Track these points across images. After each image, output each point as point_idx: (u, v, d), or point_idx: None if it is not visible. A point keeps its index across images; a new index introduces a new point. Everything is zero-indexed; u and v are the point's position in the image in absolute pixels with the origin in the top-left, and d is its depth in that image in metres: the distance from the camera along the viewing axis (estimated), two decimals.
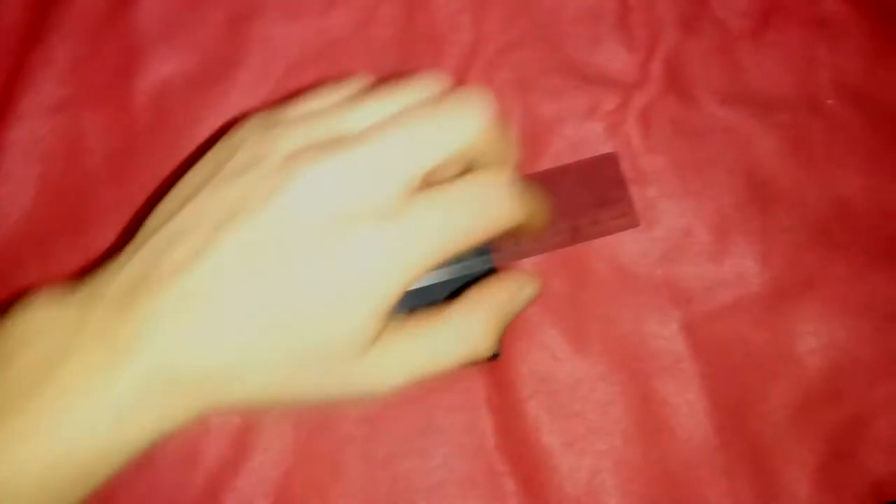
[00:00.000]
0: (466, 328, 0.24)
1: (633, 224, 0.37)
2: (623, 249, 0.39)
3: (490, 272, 0.34)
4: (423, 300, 0.32)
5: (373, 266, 0.21)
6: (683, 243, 0.39)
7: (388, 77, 0.26)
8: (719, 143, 0.40)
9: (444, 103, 0.23)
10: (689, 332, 0.37)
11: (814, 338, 0.37)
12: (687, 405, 0.36)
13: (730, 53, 0.41)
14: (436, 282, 0.33)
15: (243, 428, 0.36)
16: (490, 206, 0.23)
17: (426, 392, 0.37)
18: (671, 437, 0.36)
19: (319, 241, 0.21)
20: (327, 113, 0.23)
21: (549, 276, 0.38)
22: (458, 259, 0.34)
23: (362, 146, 0.21)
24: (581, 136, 0.40)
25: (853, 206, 0.39)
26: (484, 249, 0.34)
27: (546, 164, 0.39)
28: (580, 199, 0.35)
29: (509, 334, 0.37)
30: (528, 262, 0.38)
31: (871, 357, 0.37)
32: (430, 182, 0.23)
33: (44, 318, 0.21)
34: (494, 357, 0.35)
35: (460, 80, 0.41)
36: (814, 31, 0.42)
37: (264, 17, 0.41)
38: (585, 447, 0.36)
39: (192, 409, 0.21)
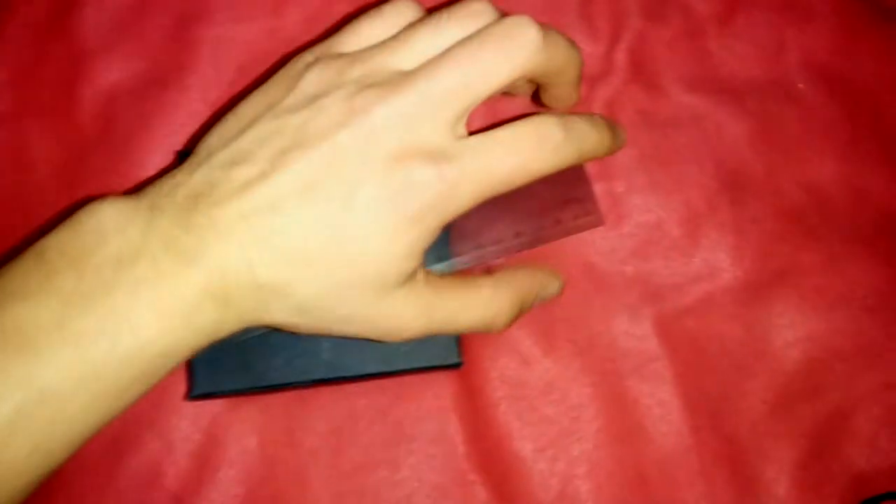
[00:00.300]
0: (491, 302, 0.26)
1: (598, 223, 0.36)
2: (591, 247, 0.38)
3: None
4: None
5: (421, 201, 0.23)
6: (653, 238, 0.38)
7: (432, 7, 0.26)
8: (687, 132, 0.39)
9: (491, 36, 0.23)
10: (662, 330, 0.36)
11: (790, 331, 0.36)
12: (661, 405, 0.35)
13: (696, 39, 0.40)
14: None
15: (206, 444, 0.35)
16: (536, 150, 0.24)
17: (393, 400, 0.36)
18: (645, 439, 0.35)
19: (375, 175, 0.22)
20: (382, 48, 0.24)
21: None
22: None
23: (417, 87, 0.23)
24: None
25: (827, 193, 0.38)
26: (443, 254, 0.33)
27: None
28: (542, 199, 0.34)
29: (477, 338, 0.36)
30: (492, 265, 0.37)
31: (850, 349, 0.36)
32: (501, 92, 0.24)
33: (115, 220, 0.22)
34: (458, 365, 0.34)
35: None
36: (782, 12, 0.40)
37: (212, 20, 0.40)
38: (557, 453, 0.35)
39: (241, 319, 0.23)
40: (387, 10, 0.25)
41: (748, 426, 0.35)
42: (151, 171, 0.38)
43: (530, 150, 0.24)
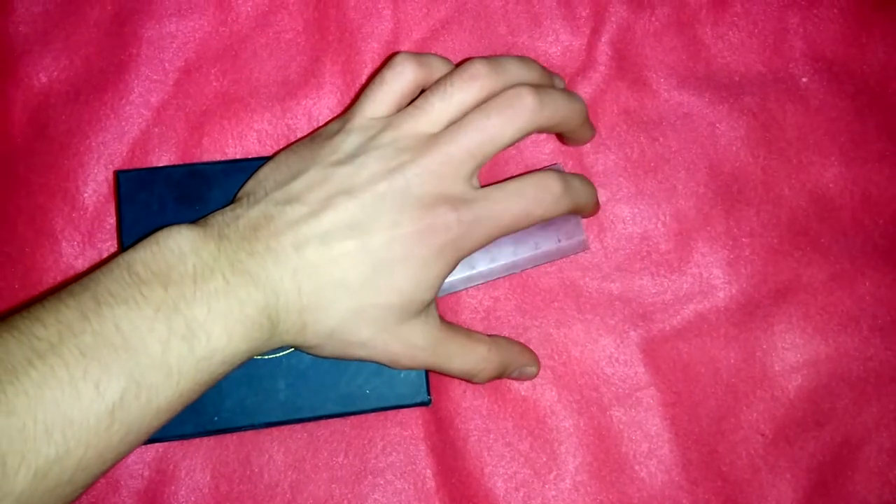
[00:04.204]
0: (484, 358, 0.30)
1: (581, 248, 0.34)
2: (572, 262, 0.35)
3: None
4: None
5: (444, 239, 0.28)
6: (640, 253, 0.35)
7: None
8: (677, 134, 0.36)
9: (495, 108, 0.29)
10: (649, 354, 0.34)
11: (792, 354, 0.34)
12: (648, 439, 0.33)
13: (687, 29, 0.37)
14: None
15: (155, 482, 0.33)
16: (538, 199, 0.29)
17: (357, 430, 0.33)
18: (631, 477, 0.32)
19: (408, 218, 0.28)
20: (406, 117, 0.29)
21: (492, 295, 0.34)
22: None
23: (440, 150, 0.28)
24: None
25: (834, 201, 0.35)
26: None
27: (485, 168, 0.35)
28: None
29: None
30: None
31: (859, 374, 0.33)
32: None
33: (190, 243, 0.26)
34: (427, 403, 0.32)
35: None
36: None
37: (153, 14, 0.36)
38: (531, 493, 0.32)
39: (282, 338, 0.28)
40: (388, 77, 0.30)
41: (745, 461, 0.33)
42: (86, 184, 0.35)
43: (533, 199, 0.29)
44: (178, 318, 0.25)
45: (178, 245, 0.26)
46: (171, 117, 0.35)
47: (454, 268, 0.29)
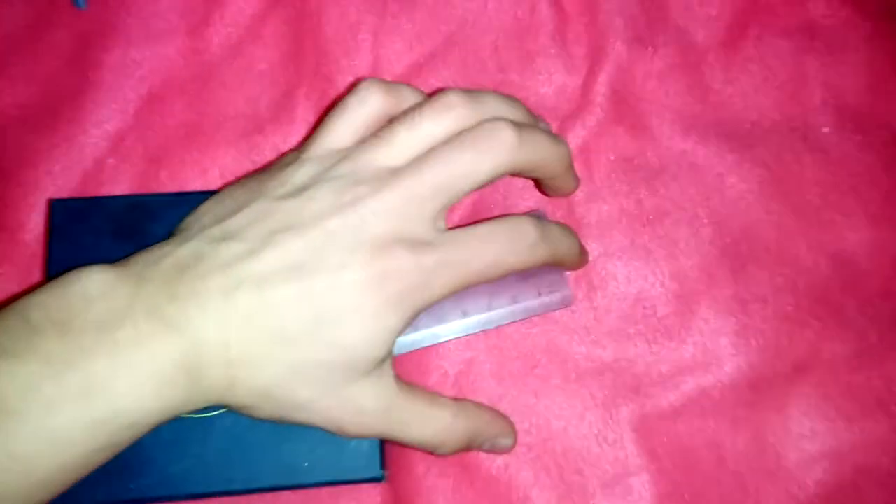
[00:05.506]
0: (449, 427, 0.27)
1: (565, 303, 0.31)
2: (557, 323, 0.32)
3: None
4: None
5: (399, 286, 0.25)
6: (634, 316, 0.32)
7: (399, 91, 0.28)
8: (680, 185, 0.34)
9: (470, 140, 0.26)
10: (643, 434, 0.30)
11: (810, 442, 0.31)
12: None
13: (693, 71, 0.35)
14: None
15: None
16: (511, 246, 0.26)
17: None
18: None
19: (360, 260, 0.25)
20: (367, 147, 0.27)
21: (463, 357, 0.31)
22: None
23: (404, 184, 0.25)
24: (507, 180, 0.33)
25: (859, 266, 0.33)
26: None
27: (463, 217, 0.33)
28: None
29: None
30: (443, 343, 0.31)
31: (889, 468, 0.30)
32: None
33: (101, 286, 0.24)
34: (380, 480, 0.28)
35: None
36: (801, 39, 0.36)
37: (118, 40, 0.35)
38: None
39: (207, 398, 0.25)
40: (352, 103, 0.28)
41: None
42: (28, 217, 0.32)
43: (506, 245, 0.26)
44: (72, 373, 0.22)
45: (84, 288, 0.24)
46: (128, 148, 0.33)
47: (411, 321, 0.26)
